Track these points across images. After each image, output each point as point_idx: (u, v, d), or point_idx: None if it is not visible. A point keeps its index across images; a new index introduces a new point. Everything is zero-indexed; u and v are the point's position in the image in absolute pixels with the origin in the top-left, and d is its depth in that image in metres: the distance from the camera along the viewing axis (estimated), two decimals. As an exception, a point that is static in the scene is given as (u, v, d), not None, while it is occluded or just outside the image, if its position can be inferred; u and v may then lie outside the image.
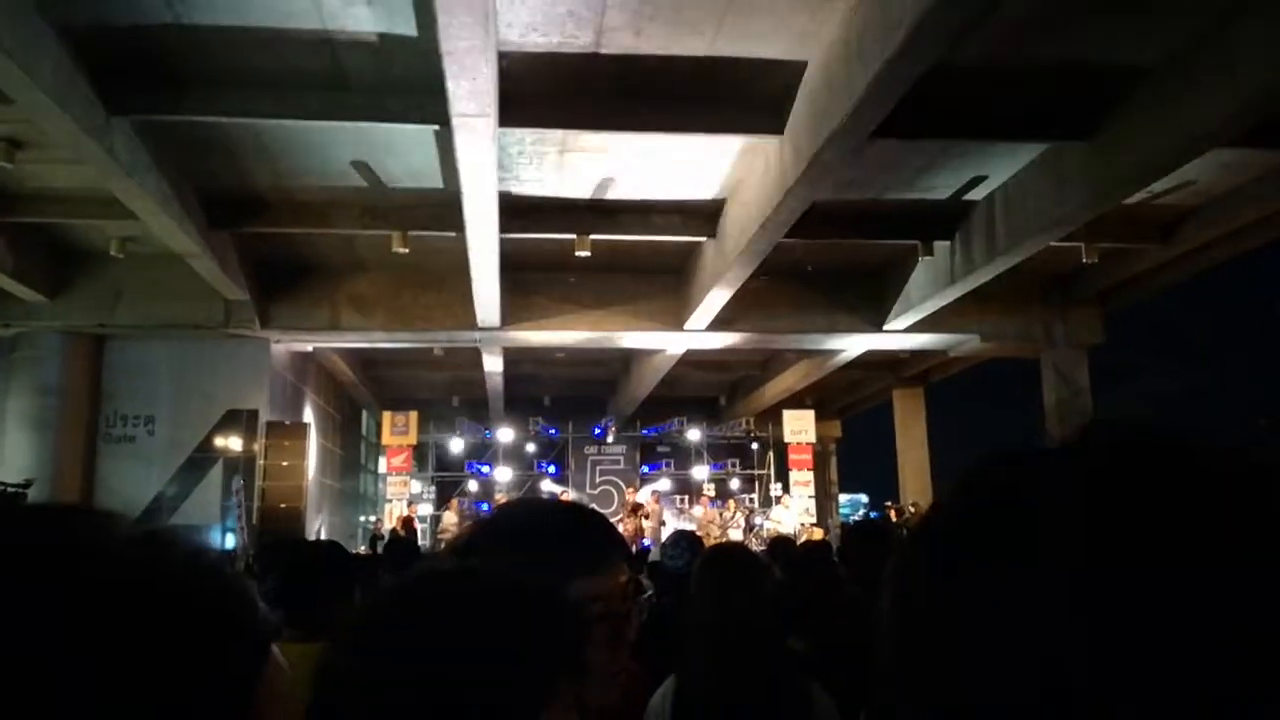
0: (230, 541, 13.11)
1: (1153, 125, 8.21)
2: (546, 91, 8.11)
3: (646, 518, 14.99)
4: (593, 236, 11.39)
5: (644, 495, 16.64)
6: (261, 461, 13.77)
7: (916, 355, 17.52)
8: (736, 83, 8.09)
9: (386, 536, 14.01)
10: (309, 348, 15.41)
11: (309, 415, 16.18)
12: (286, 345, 14.54)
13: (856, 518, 26.06)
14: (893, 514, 16.61)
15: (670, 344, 15.17)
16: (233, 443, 13.61)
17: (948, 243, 11.79)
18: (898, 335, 14.36)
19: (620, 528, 13.68)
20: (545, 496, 15.71)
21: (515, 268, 12.25)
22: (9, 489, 10.97)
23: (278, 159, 9.94)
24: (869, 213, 11.28)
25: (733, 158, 9.82)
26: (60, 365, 13.26)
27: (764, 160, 9.31)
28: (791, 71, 7.90)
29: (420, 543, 14.56)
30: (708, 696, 2.41)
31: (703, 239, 11.85)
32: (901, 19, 5.97)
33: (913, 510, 16.47)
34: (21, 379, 13.26)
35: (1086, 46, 7.75)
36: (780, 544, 7.21)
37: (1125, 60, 8.01)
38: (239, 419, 13.75)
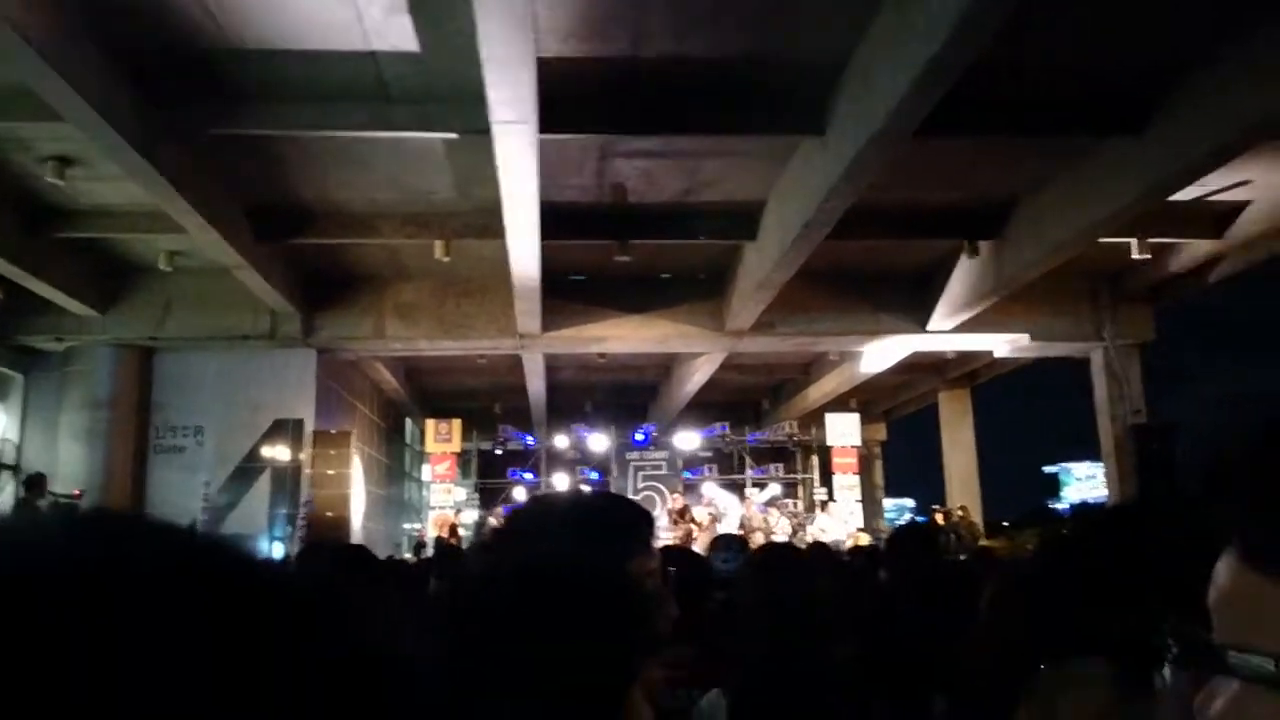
0: (279, 550, 13.25)
1: (1203, 117, 8.04)
2: (587, 97, 8.10)
3: (694, 523, 14.89)
4: (633, 241, 11.37)
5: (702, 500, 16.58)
6: (308, 471, 13.91)
7: (962, 356, 17.29)
8: (777, 83, 8.04)
9: (430, 544, 14.10)
10: (354, 356, 15.54)
11: (354, 424, 16.31)
12: (332, 354, 14.67)
13: (902, 523, 25.82)
14: (939, 518, 16.38)
15: (711, 348, 15.10)
16: (280, 452, 13.75)
17: (993, 241, 11.63)
18: (943, 336, 14.18)
19: (670, 535, 13.66)
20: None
21: (556, 274, 12.27)
22: (60, 500, 11.17)
23: (322, 171, 10.04)
24: (912, 212, 11.15)
25: (774, 158, 9.76)
26: (111, 378, 13.48)
27: (805, 160, 9.24)
28: (832, 70, 7.83)
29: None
30: (762, 701, 2.37)
31: (743, 241, 11.79)
32: (944, 12, 5.89)
33: (960, 515, 16.24)
34: (74, 392, 13.51)
35: (1135, 38, 7.60)
36: (819, 550, 7.14)
37: (1175, 53, 7.85)
38: (285, 429, 13.88)
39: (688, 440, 18.99)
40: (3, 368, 13.29)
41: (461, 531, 16.46)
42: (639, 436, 19.79)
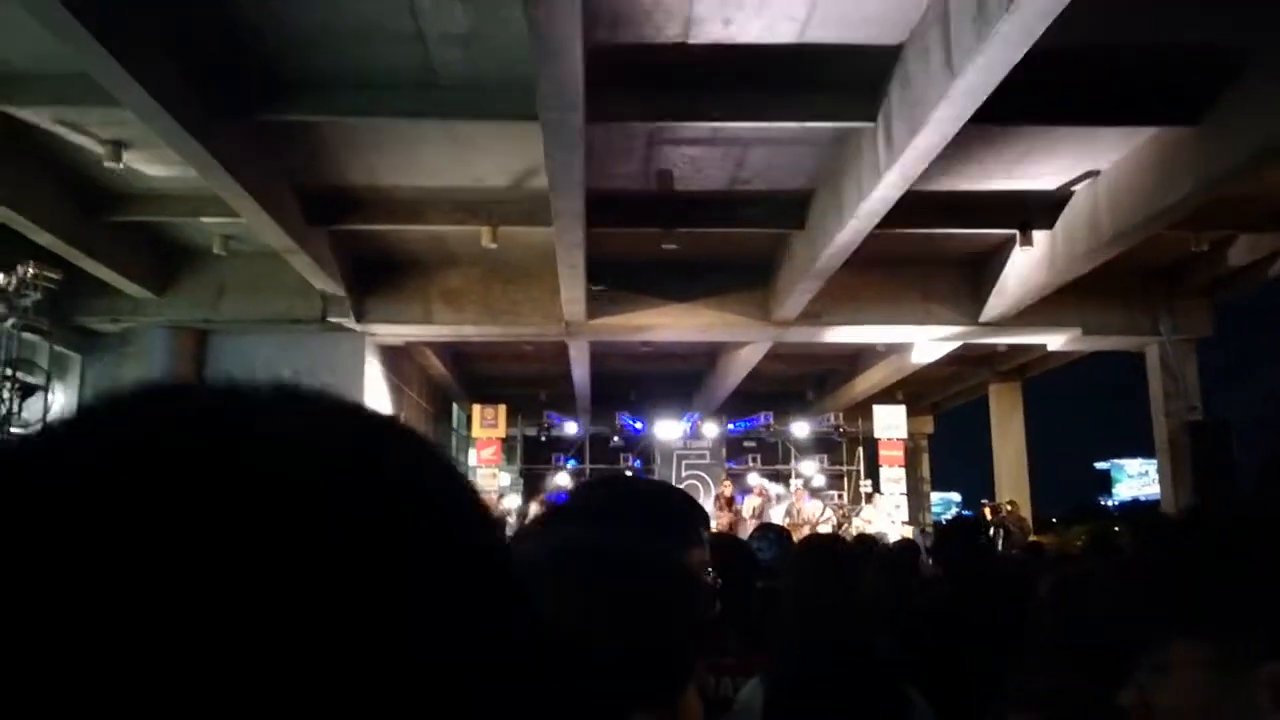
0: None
1: (1263, 108, 7.81)
2: (635, 84, 8.08)
3: (735, 511, 14.83)
4: (680, 229, 11.34)
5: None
6: (356, 453, 14.03)
7: (1014, 349, 17.03)
8: (828, 69, 7.95)
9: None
10: (402, 341, 15.69)
11: (403, 408, 16.47)
12: (381, 339, 14.83)
13: (948, 517, 25.56)
14: (988, 513, 16.17)
15: (757, 337, 15.03)
16: (330, 435, 13.89)
17: (1048, 232, 11.42)
18: (994, 328, 13.97)
19: (716, 523, 13.63)
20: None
21: (602, 261, 12.27)
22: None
23: (371, 156, 10.12)
24: (965, 201, 10.98)
25: (823, 146, 9.66)
26: (167, 359, 13.75)
27: (855, 148, 9.13)
28: (885, 56, 7.73)
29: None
30: (800, 693, 2.34)
31: (791, 230, 11.70)
32: (1000, -1, 5.78)
33: (1009, 509, 16.02)
34: (131, 372, 13.78)
35: (1193, 28, 7.41)
36: (863, 542, 7.08)
37: (1234, 41, 7.65)
38: (335, 412, 14.02)
39: (712, 431, 18.92)
40: (62, 348, 13.57)
41: (509, 519, 16.55)
42: (684, 425, 19.79)
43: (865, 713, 2.31)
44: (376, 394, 15.05)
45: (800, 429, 19.14)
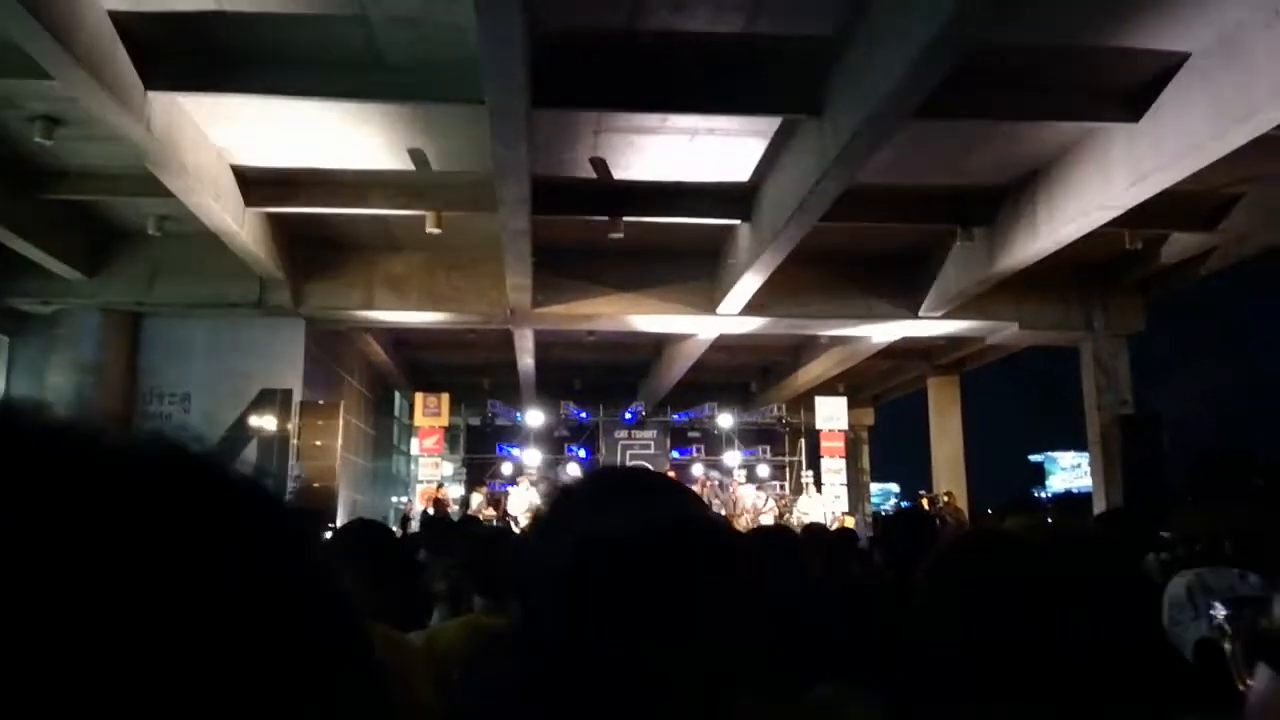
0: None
1: (1199, 107, 8.00)
2: (583, 71, 8.03)
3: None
4: (626, 219, 11.31)
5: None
6: (295, 441, 13.84)
7: (952, 342, 17.32)
8: (776, 62, 7.98)
9: (416, 517, 14.08)
10: (343, 327, 15.46)
11: (343, 395, 16.24)
12: (321, 324, 14.59)
13: (887, 507, 25.90)
14: (925, 503, 16.44)
15: (702, 329, 15.08)
16: (267, 422, 13.68)
17: (987, 227, 11.61)
18: (934, 322, 14.18)
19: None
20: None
21: (547, 249, 12.20)
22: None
23: (313, 137, 9.93)
24: (907, 196, 11.12)
25: (769, 139, 9.70)
26: (98, 343, 13.38)
27: (801, 141, 9.19)
28: (831, 49, 7.77)
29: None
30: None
31: (737, 222, 11.74)
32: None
33: (946, 500, 16.30)
34: (60, 356, 13.41)
35: (1132, 27, 7.56)
36: (813, 532, 7.15)
37: (1172, 42, 7.82)
38: (273, 398, 13.81)
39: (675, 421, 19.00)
40: (-11, 330, 13.19)
41: (451, 506, 16.39)
42: (627, 415, 19.81)
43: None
44: (315, 381, 14.83)
45: (725, 420, 19.27)
